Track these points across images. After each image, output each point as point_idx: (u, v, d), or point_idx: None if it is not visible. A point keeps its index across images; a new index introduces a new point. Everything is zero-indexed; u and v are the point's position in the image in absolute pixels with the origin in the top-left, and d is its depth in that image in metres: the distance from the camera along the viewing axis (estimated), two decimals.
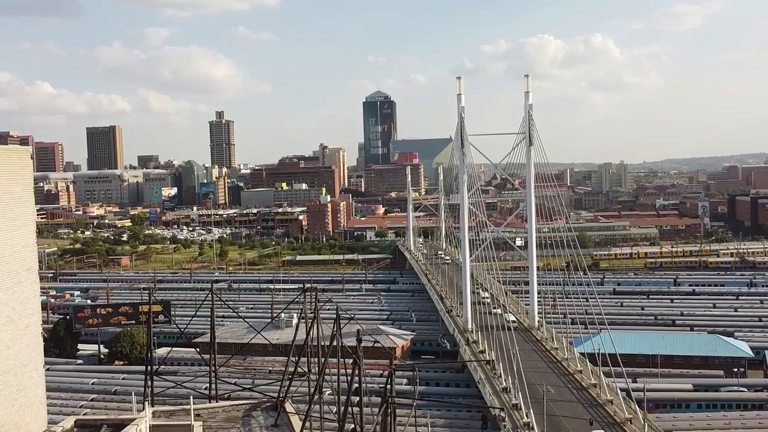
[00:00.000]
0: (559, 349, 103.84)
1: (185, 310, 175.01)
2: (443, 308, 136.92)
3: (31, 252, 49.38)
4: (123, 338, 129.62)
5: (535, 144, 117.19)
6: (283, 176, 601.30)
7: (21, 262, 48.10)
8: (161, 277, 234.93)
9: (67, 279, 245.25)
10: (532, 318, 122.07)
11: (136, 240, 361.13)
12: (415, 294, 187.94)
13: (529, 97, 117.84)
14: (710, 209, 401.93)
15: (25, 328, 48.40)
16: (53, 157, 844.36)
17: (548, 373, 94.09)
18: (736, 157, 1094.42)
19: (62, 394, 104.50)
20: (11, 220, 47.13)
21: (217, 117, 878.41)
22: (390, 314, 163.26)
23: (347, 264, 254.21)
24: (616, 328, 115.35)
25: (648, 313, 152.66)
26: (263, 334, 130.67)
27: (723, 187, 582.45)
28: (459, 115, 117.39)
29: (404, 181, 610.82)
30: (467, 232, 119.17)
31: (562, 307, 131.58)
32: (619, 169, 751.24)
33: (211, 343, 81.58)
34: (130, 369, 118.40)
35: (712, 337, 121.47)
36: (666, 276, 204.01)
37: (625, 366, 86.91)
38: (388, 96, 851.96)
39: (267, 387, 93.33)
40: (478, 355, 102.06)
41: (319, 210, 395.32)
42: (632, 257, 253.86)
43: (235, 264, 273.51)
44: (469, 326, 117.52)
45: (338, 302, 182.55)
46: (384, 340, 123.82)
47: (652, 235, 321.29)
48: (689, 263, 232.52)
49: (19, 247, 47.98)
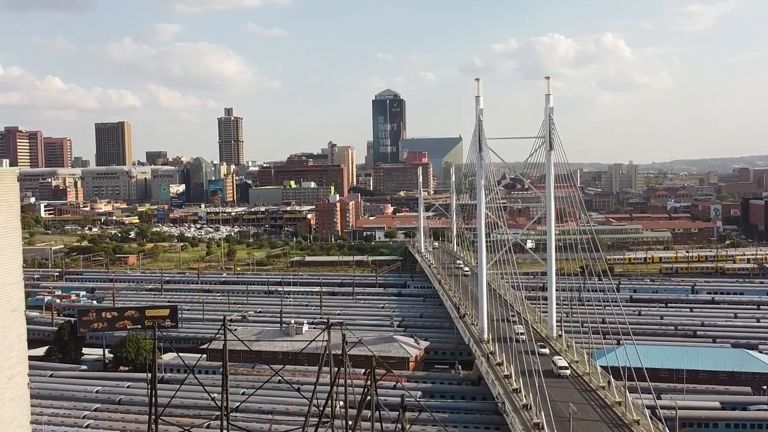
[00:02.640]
0: (580, 363, 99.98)
1: (192, 313, 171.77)
2: (460, 321, 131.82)
3: (17, 290, 41.78)
4: (128, 343, 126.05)
5: (556, 148, 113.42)
6: (291, 174, 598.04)
7: (5, 303, 40.78)
8: (168, 277, 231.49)
9: (73, 278, 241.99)
10: (549, 327, 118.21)
11: (143, 238, 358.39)
12: (427, 299, 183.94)
13: (549, 100, 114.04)
14: (723, 212, 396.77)
15: (8, 381, 41.31)
16: (62, 153, 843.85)
17: (569, 388, 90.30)
18: (746, 159, 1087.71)
19: (65, 403, 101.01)
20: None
21: (226, 113, 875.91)
22: (402, 320, 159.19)
23: (357, 266, 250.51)
24: (636, 339, 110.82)
25: (668, 323, 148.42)
26: (273, 340, 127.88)
27: (734, 189, 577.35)
28: (477, 118, 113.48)
29: (413, 180, 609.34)
30: (483, 238, 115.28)
31: (578, 316, 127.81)
32: (629, 170, 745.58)
33: (224, 377, 71.09)
34: (135, 376, 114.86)
35: (739, 351, 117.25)
36: (683, 283, 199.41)
37: (649, 381, 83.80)
38: (398, 94, 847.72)
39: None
40: (495, 369, 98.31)
41: (327, 209, 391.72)
42: (646, 262, 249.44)
43: (243, 264, 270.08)
44: (485, 336, 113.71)
45: (348, 306, 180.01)
46: (397, 350, 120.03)
47: (665, 239, 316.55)
48: (705, 269, 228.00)
49: (2, 285, 40.98)
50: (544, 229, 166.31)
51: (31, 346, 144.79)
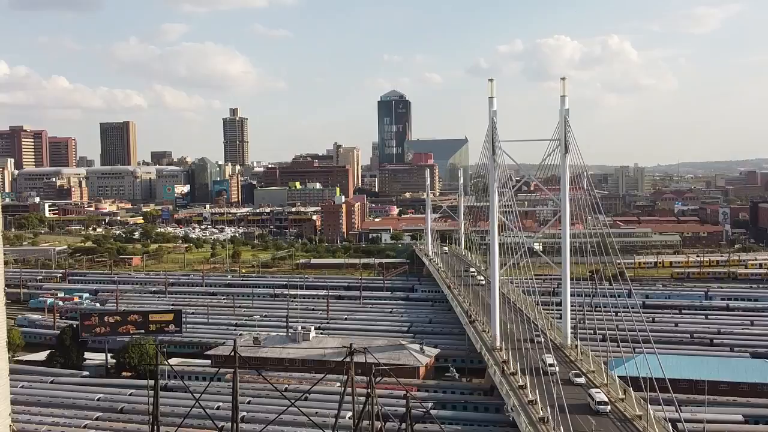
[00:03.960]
0: (597, 373, 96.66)
1: (197, 316, 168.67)
2: (471, 327, 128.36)
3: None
4: (131, 349, 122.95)
5: (571, 151, 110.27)
6: (296, 175, 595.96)
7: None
8: (173, 279, 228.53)
9: (77, 279, 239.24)
10: (563, 335, 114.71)
11: (147, 238, 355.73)
12: (436, 303, 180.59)
13: (565, 101, 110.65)
14: (731, 216, 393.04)
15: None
16: (66, 152, 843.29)
17: (589, 401, 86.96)
18: (752, 161, 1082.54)
19: (65, 411, 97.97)
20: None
21: (231, 114, 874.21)
22: (410, 326, 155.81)
23: (363, 268, 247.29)
24: (652, 347, 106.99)
25: (683, 330, 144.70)
26: (280, 347, 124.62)
27: (741, 193, 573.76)
28: (491, 120, 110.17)
29: (418, 181, 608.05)
30: (497, 242, 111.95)
31: (591, 322, 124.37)
32: (635, 172, 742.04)
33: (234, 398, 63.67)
34: (138, 383, 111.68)
35: (760, 361, 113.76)
36: (696, 288, 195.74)
37: (668, 392, 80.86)
38: (403, 95, 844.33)
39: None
40: (510, 379, 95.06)
41: (333, 210, 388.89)
42: (657, 266, 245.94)
43: (248, 266, 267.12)
44: (497, 344, 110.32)
45: (355, 311, 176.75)
46: (406, 357, 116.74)
47: (674, 243, 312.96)
48: (718, 274, 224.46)
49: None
50: (550, 232, 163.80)
51: (32, 350, 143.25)
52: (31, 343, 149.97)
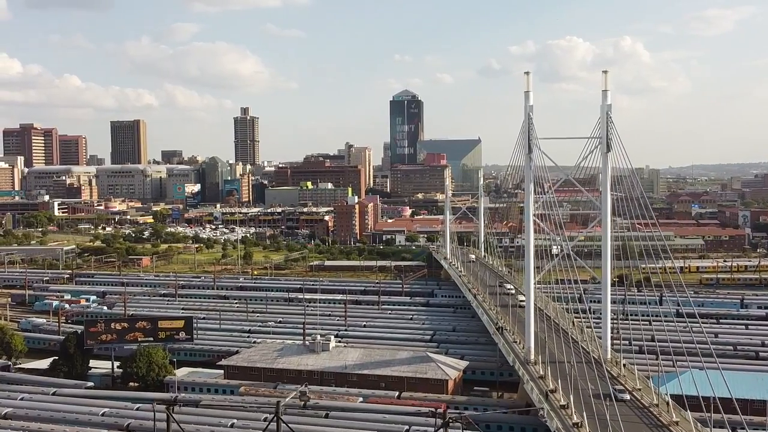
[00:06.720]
0: (644, 391, 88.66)
1: (208, 322, 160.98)
2: (500, 338, 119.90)
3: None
4: (139, 357, 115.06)
5: (614, 149, 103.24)
6: (307, 175, 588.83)
7: None
8: (183, 281, 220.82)
9: (84, 281, 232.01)
10: (603, 349, 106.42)
11: (157, 238, 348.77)
12: (458, 309, 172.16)
13: (607, 96, 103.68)
14: (751, 219, 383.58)
15: None
16: (77, 150, 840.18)
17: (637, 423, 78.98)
18: (764, 164, 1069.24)
19: (67, 428, 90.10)
20: None
21: (242, 113, 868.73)
22: (433, 334, 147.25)
23: (379, 271, 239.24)
24: (692, 360, 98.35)
25: (724, 342, 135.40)
26: (296, 359, 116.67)
27: (758, 196, 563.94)
28: (527, 116, 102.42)
29: (431, 182, 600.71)
30: (532, 247, 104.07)
31: (626, 332, 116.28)
32: (650, 174, 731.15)
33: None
34: (145, 396, 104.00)
35: None
36: (730, 296, 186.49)
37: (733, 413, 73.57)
38: (416, 95, 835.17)
39: None
40: (551, 397, 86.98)
41: (346, 211, 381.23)
42: (683, 271, 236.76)
43: (260, 268, 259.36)
44: (531, 357, 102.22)
45: (374, 317, 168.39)
46: (434, 370, 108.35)
47: (697, 247, 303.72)
48: (749, 280, 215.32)
49: None
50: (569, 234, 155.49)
51: (35, 357, 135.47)
52: (35, 348, 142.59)
